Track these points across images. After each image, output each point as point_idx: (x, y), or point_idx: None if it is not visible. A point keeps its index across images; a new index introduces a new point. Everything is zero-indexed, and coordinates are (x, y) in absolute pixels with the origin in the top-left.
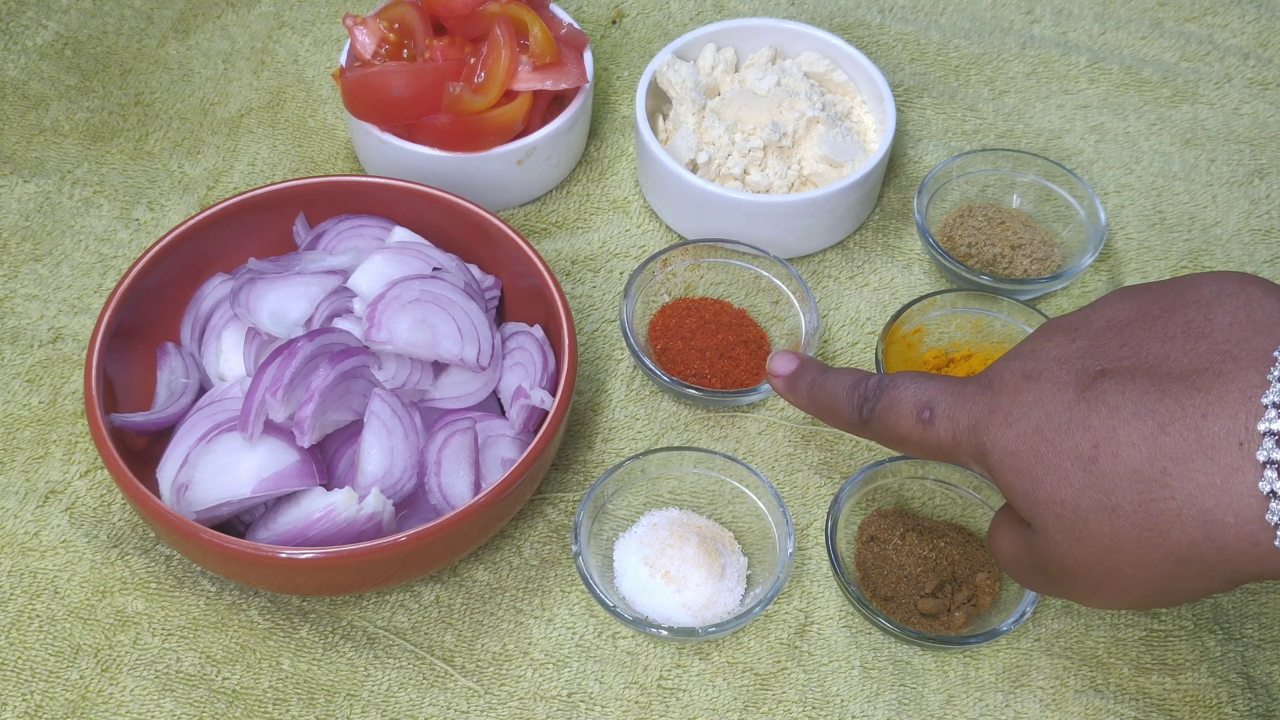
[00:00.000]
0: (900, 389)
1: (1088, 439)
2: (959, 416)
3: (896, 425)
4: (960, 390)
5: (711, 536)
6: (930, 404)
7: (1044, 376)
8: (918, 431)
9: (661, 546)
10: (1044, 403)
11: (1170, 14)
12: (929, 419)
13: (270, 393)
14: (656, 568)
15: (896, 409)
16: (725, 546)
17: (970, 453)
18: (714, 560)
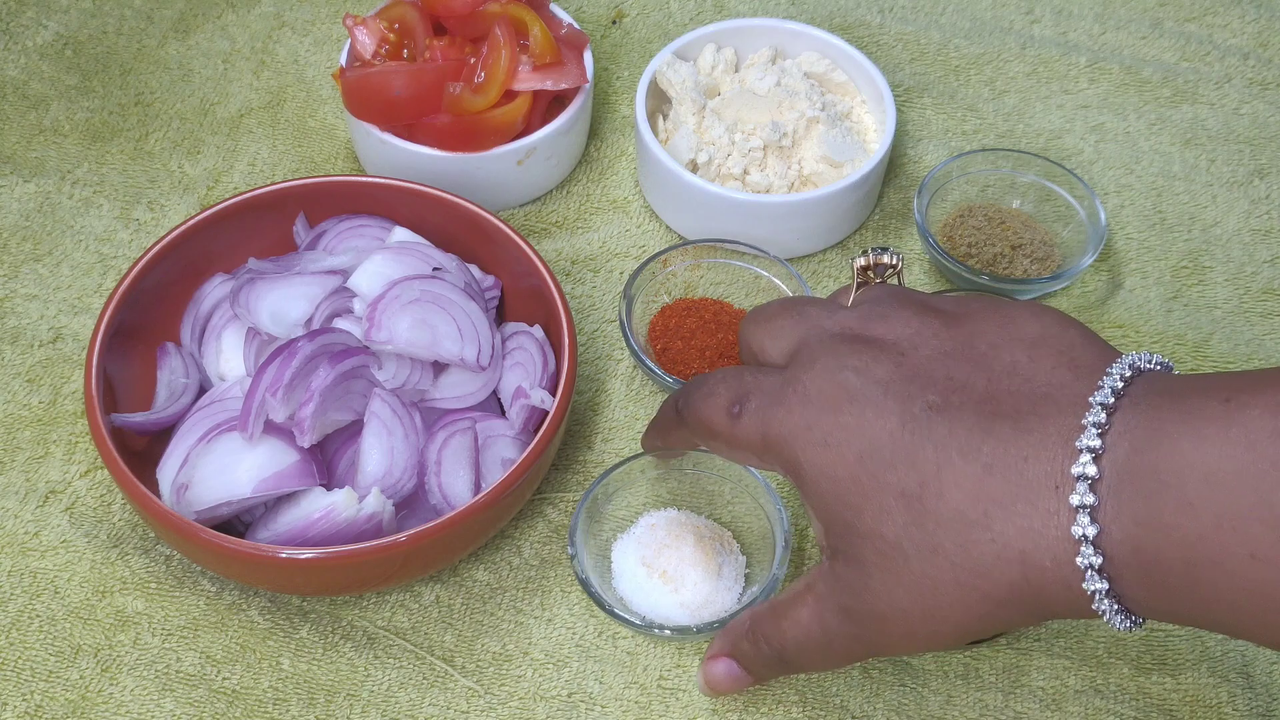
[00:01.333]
0: (716, 380)
1: (913, 475)
2: (770, 419)
3: (709, 417)
4: (776, 391)
5: (709, 536)
6: (741, 399)
7: (867, 401)
8: (726, 426)
9: (659, 547)
10: (867, 429)
11: (1170, 14)
12: (738, 414)
13: (270, 393)
14: (654, 568)
15: (709, 400)
16: (723, 545)
17: (779, 460)
18: (711, 559)
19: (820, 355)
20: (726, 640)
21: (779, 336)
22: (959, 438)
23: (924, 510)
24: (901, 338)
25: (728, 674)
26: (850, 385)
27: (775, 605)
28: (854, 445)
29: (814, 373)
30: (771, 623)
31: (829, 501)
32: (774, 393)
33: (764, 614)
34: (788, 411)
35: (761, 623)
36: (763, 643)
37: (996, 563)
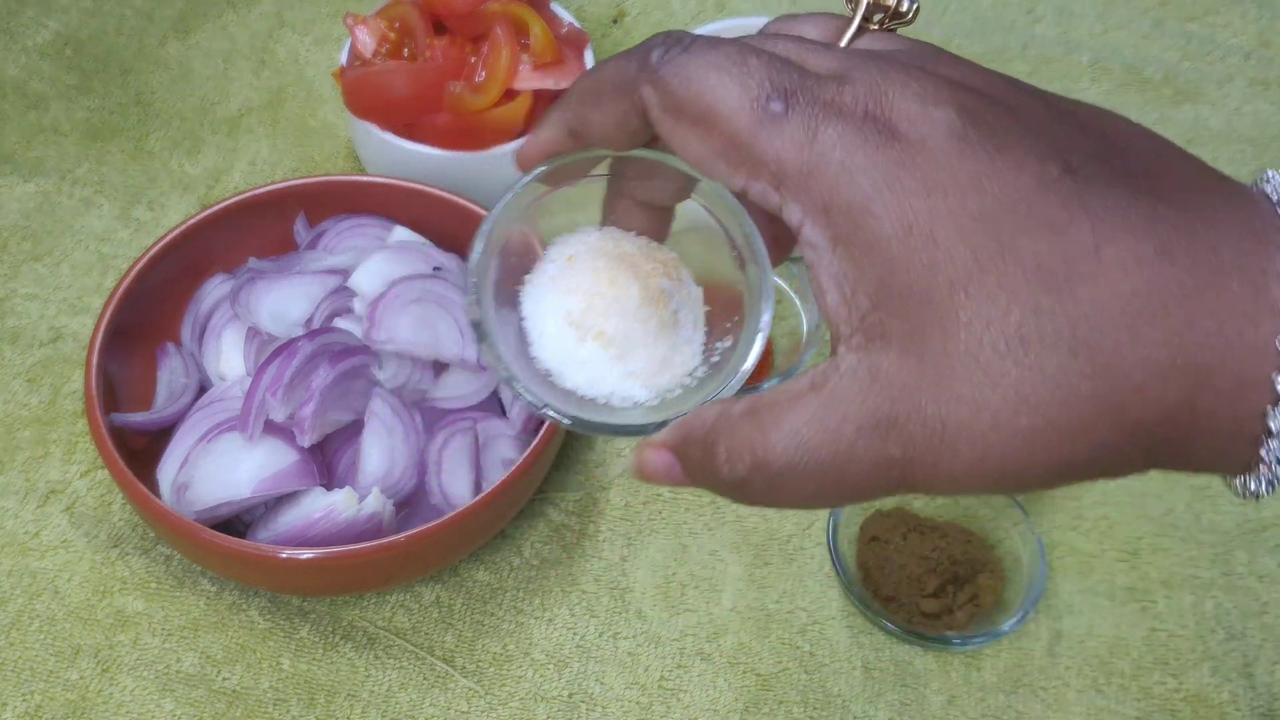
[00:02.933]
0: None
1: (1060, 247)
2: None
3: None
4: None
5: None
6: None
7: (988, 146)
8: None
9: (589, 295)
10: (995, 181)
11: (1172, 13)
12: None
13: (270, 392)
14: (585, 328)
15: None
16: (674, 277)
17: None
18: (664, 305)
19: (896, 81)
20: (675, 435)
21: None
22: (1123, 210)
23: (1071, 294)
24: (993, 89)
25: (666, 470)
26: (956, 126)
27: (756, 409)
28: (973, 200)
29: (894, 101)
30: (749, 432)
31: (901, 270)
32: (834, 105)
33: (737, 419)
34: (861, 137)
35: (732, 431)
36: (722, 456)
37: (1160, 375)
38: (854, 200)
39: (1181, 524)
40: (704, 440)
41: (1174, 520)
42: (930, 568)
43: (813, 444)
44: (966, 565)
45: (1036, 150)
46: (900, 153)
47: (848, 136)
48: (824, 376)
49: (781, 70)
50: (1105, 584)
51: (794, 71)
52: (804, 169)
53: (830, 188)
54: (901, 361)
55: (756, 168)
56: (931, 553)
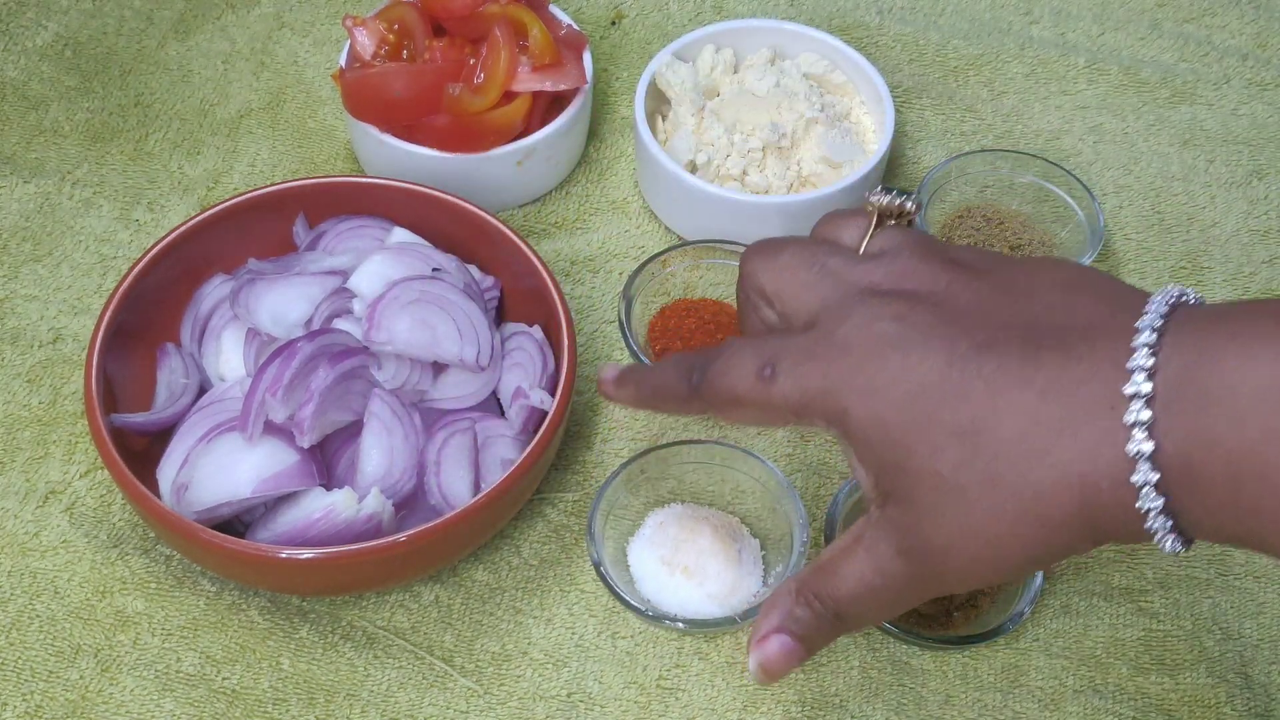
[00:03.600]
0: (735, 350)
1: (966, 411)
2: (808, 376)
3: (732, 386)
4: (809, 349)
5: (721, 524)
6: (773, 361)
7: (911, 345)
8: (757, 390)
9: (675, 543)
10: (914, 371)
11: (1169, 15)
12: (770, 376)
13: (270, 393)
14: (674, 564)
15: (733, 370)
16: (737, 531)
17: (823, 414)
18: (729, 546)
19: (854, 309)
20: (775, 614)
21: (800, 293)
22: (1010, 370)
23: (979, 443)
24: (935, 289)
25: (781, 650)
26: (890, 333)
27: (822, 565)
28: (902, 388)
29: (849, 325)
30: (822, 581)
31: (878, 447)
32: (807, 350)
33: (811, 576)
34: (827, 365)
35: (811, 584)
36: (816, 603)
37: (1055, 488)
38: (837, 410)
39: None
40: (799, 604)
41: None
42: None
43: (869, 577)
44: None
45: (949, 336)
46: (852, 367)
47: (820, 369)
48: (862, 530)
49: (765, 344)
50: (1101, 584)
51: (775, 340)
52: (804, 402)
53: (822, 405)
54: (902, 510)
55: (778, 413)
56: None
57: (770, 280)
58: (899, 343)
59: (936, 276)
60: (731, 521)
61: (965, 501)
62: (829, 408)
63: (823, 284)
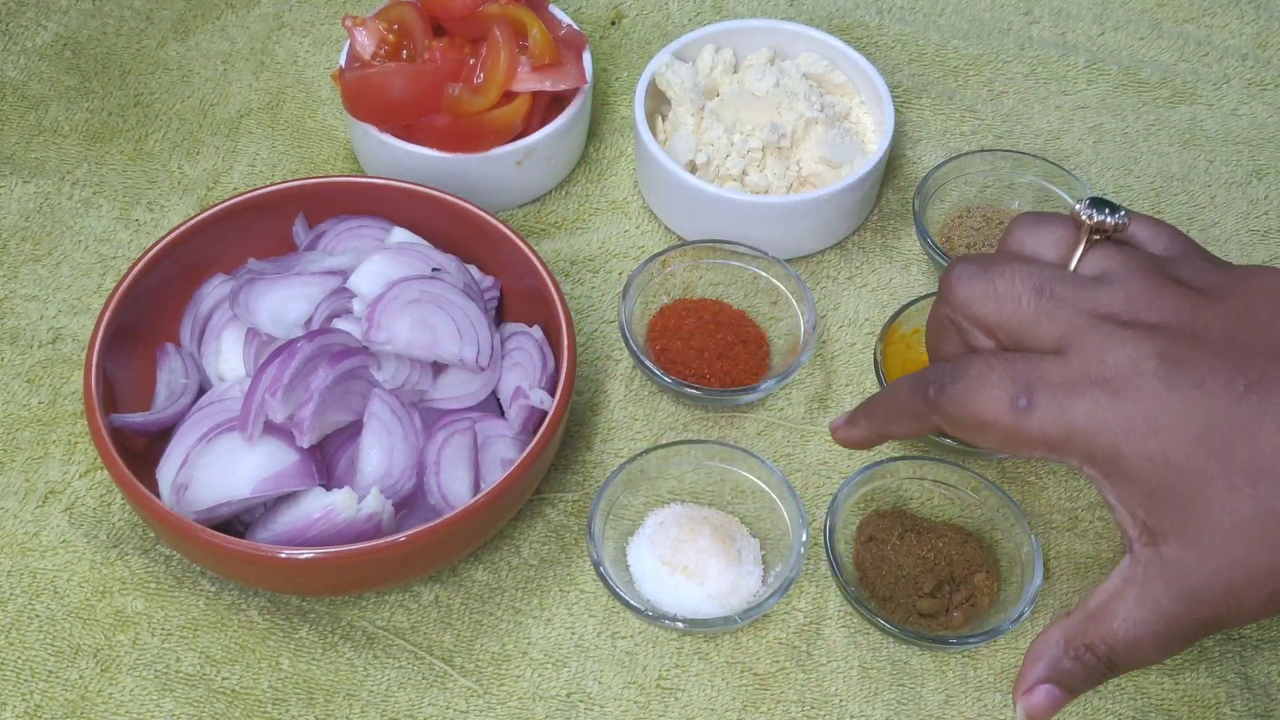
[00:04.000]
0: (983, 370)
1: (1260, 450)
2: (1073, 412)
3: (980, 408)
4: (1069, 382)
5: (721, 524)
6: (1028, 391)
7: (1188, 385)
8: (1007, 418)
9: (675, 543)
10: (1197, 412)
11: (1169, 15)
12: (1025, 407)
13: (270, 393)
14: (674, 564)
15: (983, 392)
16: (736, 532)
17: (1086, 452)
18: (729, 546)
19: (1108, 344)
20: (1041, 665)
21: (1034, 324)
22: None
23: (1272, 486)
24: (1181, 320)
25: (1049, 701)
26: (1161, 371)
27: (1092, 613)
28: (1186, 428)
29: (1110, 362)
30: (1095, 630)
31: (1157, 487)
32: (1066, 384)
33: (1081, 625)
34: (1093, 403)
35: (1082, 634)
36: (1089, 654)
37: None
38: (1105, 449)
39: None
40: (1069, 654)
41: None
42: (926, 568)
43: (1146, 620)
44: (962, 565)
45: (1224, 374)
46: (1126, 406)
47: (1085, 405)
48: (1131, 573)
49: (1018, 368)
50: None
51: (1026, 364)
52: (1063, 436)
53: (1086, 444)
54: (1182, 549)
55: (1030, 445)
56: (928, 553)
57: (993, 311)
58: (1171, 381)
59: (1178, 305)
60: (731, 521)
61: (1263, 538)
62: (1097, 447)
63: (1059, 314)
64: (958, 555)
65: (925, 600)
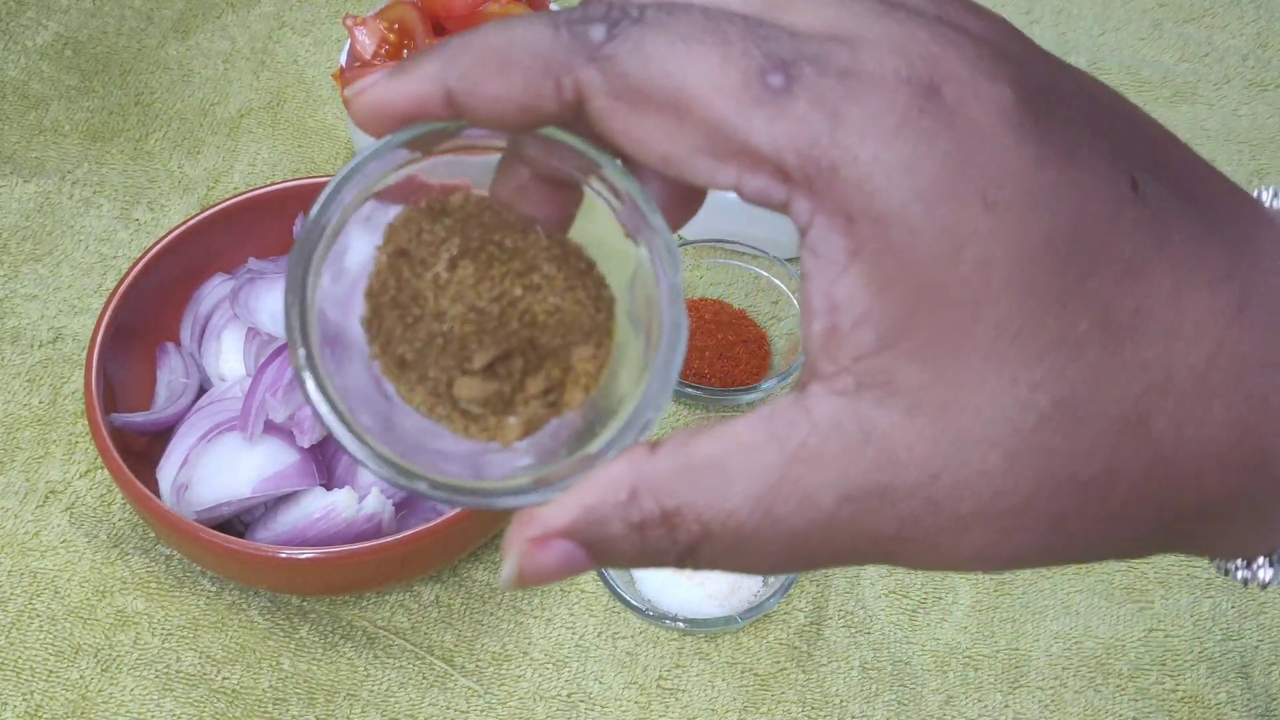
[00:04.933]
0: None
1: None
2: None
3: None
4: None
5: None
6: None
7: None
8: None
9: None
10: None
11: (1169, 15)
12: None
13: (270, 393)
14: None
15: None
16: None
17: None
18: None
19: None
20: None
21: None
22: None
23: (1137, 356)
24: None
25: (562, 563)
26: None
27: (695, 467)
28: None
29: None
30: (688, 494)
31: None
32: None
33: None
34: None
35: (663, 493)
36: (661, 529)
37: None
38: (889, 207)
39: None
40: (623, 514)
41: None
42: (485, 325)
43: (779, 511)
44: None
45: (1106, 158)
46: (952, 143)
47: (881, 117)
48: (789, 424)
49: (771, 34)
50: (1103, 584)
51: (785, 35)
52: (822, 162)
53: (858, 188)
54: (908, 422)
55: (754, 161)
56: (492, 298)
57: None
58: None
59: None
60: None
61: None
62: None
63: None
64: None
65: (470, 381)
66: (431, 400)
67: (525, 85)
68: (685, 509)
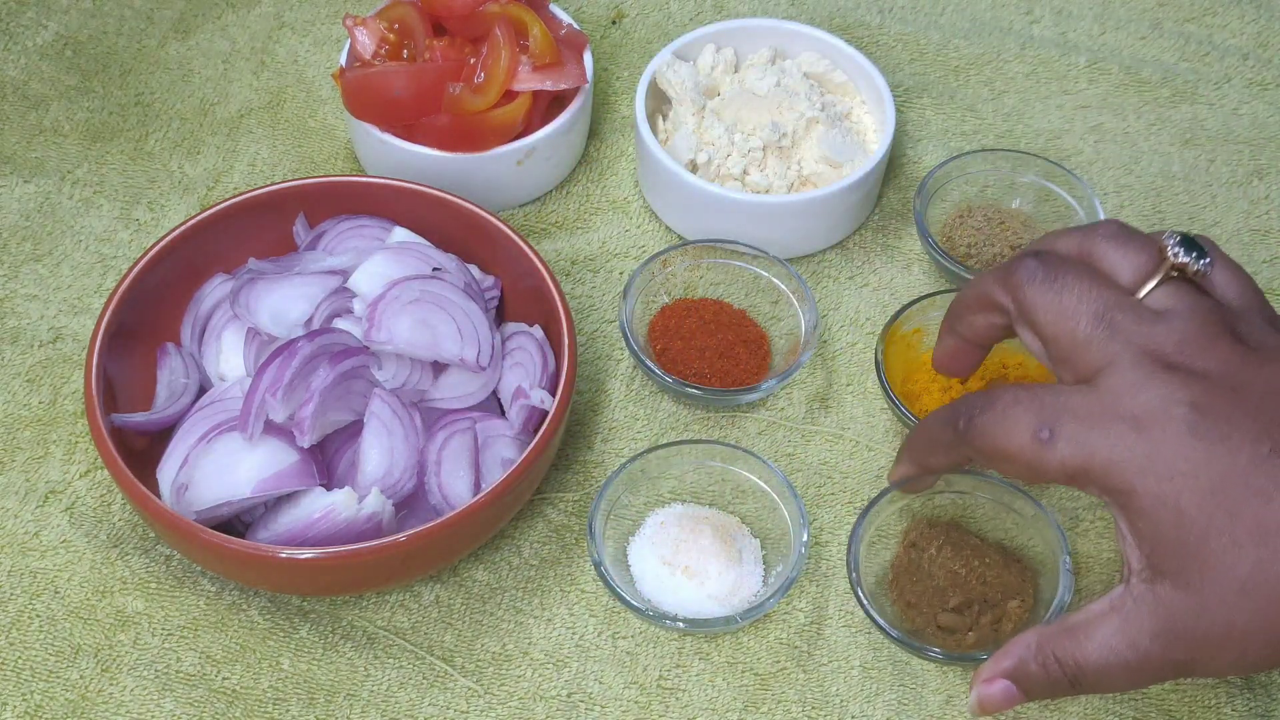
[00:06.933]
0: (1009, 401)
1: (1270, 513)
2: (1093, 447)
3: (1005, 440)
4: (1093, 416)
5: (722, 525)
6: (1051, 423)
7: (1214, 437)
8: (1031, 451)
9: (676, 543)
10: (1217, 465)
11: (1170, 14)
12: (1048, 439)
13: (270, 393)
14: (675, 564)
15: (1007, 423)
16: (737, 532)
17: (1103, 487)
18: (730, 547)
19: (1144, 382)
20: (1007, 661)
21: (1083, 346)
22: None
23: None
24: (1225, 373)
25: (1004, 695)
26: (1189, 420)
27: (1071, 628)
28: (1203, 479)
29: (1142, 401)
30: (1068, 646)
31: (1166, 529)
32: (1091, 417)
33: (1056, 636)
34: (1116, 438)
35: (1054, 644)
36: (1055, 665)
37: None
38: (1121, 485)
39: None
40: (1037, 659)
41: None
42: (956, 582)
43: (1120, 650)
44: (998, 589)
45: (1252, 432)
46: (1147, 445)
47: (1107, 439)
48: (1120, 601)
49: (1042, 402)
50: (1103, 584)
51: (1052, 397)
52: (1081, 468)
53: (1105, 480)
54: (1175, 592)
55: (1050, 475)
56: (961, 568)
57: (1052, 323)
58: (1199, 431)
59: (1227, 358)
60: (732, 521)
61: (1256, 597)
62: (1113, 482)
63: (1111, 342)
64: (994, 578)
65: (947, 615)
66: (922, 623)
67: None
68: (1066, 655)
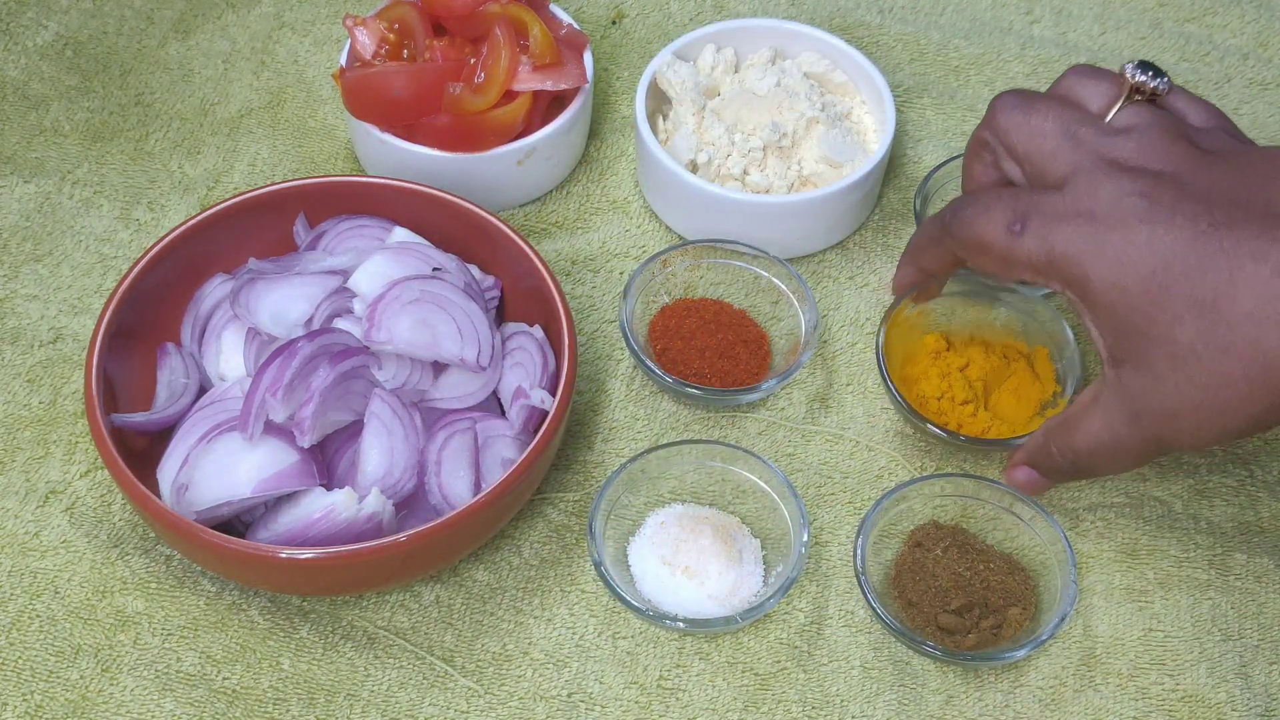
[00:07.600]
0: (991, 198)
1: (1206, 284)
2: (1055, 237)
3: (984, 232)
4: (1059, 212)
5: (722, 524)
6: (1024, 217)
7: (1157, 221)
8: (1004, 241)
9: (676, 543)
10: (1159, 246)
11: (1170, 14)
12: (1019, 231)
13: (270, 393)
14: (675, 565)
15: (985, 216)
16: (737, 532)
17: (1064, 276)
18: (730, 547)
19: (1103, 181)
20: (1026, 453)
21: (1053, 158)
22: (1247, 246)
23: (1217, 315)
24: (1179, 170)
25: (1028, 479)
26: (1138, 208)
27: (1065, 420)
28: (1147, 261)
29: (1100, 197)
30: (1063, 435)
31: (1118, 313)
32: (1057, 212)
33: (1055, 428)
34: (1074, 230)
35: (1054, 436)
36: (1057, 454)
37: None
38: (1079, 275)
39: (1179, 525)
40: (1044, 448)
41: (1171, 521)
42: (959, 585)
43: (1102, 436)
44: (1000, 594)
45: (1192, 213)
46: (1101, 236)
47: (1067, 233)
48: (1098, 390)
49: (1017, 199)
50: (1103, 584)
51: (1026, 196)
52: (1045, 260)
53: (1064, 268)
54: (1135, 373)
55: (1019, 267)
56: (965, 571)
57: (1023, 141)
58: (1146, 217)
59: (1181, 157)
60: (732, 521)
61: (1199, 368)
62: (1072, 271)
63: (1075, 153)
64: (998, 583)
65: (948, 616)
66: (922, 623)
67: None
68: (1064, 444)
